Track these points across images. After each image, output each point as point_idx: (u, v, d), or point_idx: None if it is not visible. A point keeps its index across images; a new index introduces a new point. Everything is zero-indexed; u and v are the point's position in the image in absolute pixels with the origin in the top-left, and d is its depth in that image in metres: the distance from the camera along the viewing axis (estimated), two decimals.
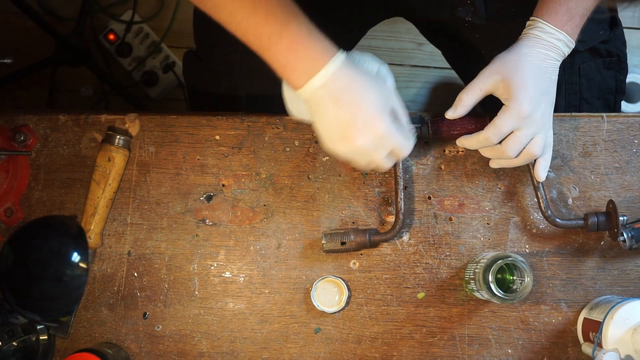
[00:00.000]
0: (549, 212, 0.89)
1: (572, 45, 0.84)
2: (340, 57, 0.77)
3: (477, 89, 0.83)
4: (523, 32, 0.85)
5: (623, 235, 0.87)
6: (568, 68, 1.00)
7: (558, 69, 0.84)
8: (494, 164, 0.90)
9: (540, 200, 0.88)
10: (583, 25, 0.84)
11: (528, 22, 0.85)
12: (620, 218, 0.86)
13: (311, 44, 0.76)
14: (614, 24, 1.02)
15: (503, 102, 0.82)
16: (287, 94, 0.86)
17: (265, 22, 0.75)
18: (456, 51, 1.12)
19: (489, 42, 1.01)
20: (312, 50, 0.76)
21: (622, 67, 1.03)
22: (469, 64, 1.09)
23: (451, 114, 0.85)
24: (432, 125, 0.88)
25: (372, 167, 0.84)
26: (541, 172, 0.87)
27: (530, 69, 0.81)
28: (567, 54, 0.84)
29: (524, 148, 0.83)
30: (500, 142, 0.84)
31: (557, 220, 0.89)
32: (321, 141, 0.81)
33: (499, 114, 0.82)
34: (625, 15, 1.72)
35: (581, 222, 0.89)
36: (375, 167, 0.83)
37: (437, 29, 1.11)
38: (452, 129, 0.88)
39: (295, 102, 0.86)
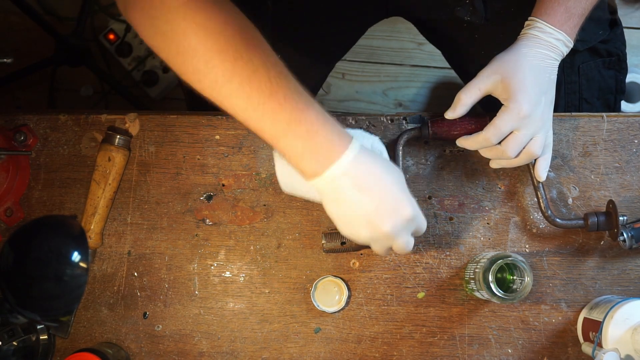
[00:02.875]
0: (549, 212, 0.89)
1: (571, 45, 0.84)
2: (355, 142, 0.74)
3: (475, 89, 0.83)
4: (522, 32, 0.85)
5: (623, 235, 0.87)
6: (568, 68, 1.00)
7: (557, 69, 0.84)
8: (494, 164, 0.90)
9: (540, 200, 0.88)
10: (582, 25, 0.84)
11: (527, 22, 0.85)
12: (620, 218, 0.86)
13: (330, 129, 0.73)
14: (614, 24, 1.02)
15: (502, 102, 0.82)
16: (281, 168, 0.84)
17: (284, 107, 0.70)
18: (455, 51, 1.13)
19: (488, 42, 1.01)
20: (331, 136, 0.72)
21: (621, 67, 1.04)
22: (468, 63, 1.09)
23: (450, 114, 0.85)
24: (432, 125, 0.88)
25: (389, 252, 0.82)
26: (541, 172, 0.87)
27: (530, 68, 0.81)
28: (565, 54, 0.84)
29: (523, 148, 0.83)
30: (500, 143, 0.84)
31: (557, 220, 0.89)
32: (339, 227, 0.77)
33: (498, 114, 0.82)
34: (625, 16, 1.73)
35: (581, 222, 0.89)
36: (395, 251, 0.80)
37: (436, 29, 1.11)
38: (453, 129, 0.88)
39: (289, 177, 0.83)
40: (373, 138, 0.86)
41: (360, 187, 0.73)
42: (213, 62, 0.69)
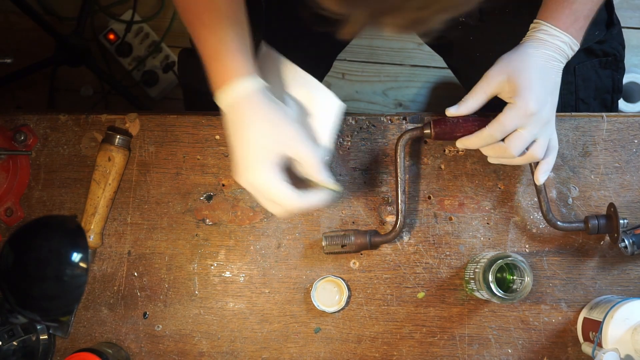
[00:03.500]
0: (550, 214, 0.88)
1: (577, 48, 0.83)
2: (256, 84, 0.78)
3: (481, 92, 0.82)
4: (527, 34, 0.84)
5: (624, 242, 0.87)
6: (563, 68, 1.00)
7: (561, 72, 0.84)
8: (493, 160, 0.88)
9: (542, 203, 0.88)
10: (587, 26, 0.84)
11: (532, 25, 0.84)
12: (621, 221, 0.86)
13: (231, 60, 0.78)
14: (611, 24, 1.02)
15: (508, 101, 0.82)
16: None
17: (207, 29, 0.79)
18: (450, 52, 1.12)
19: (483, 43, 1.00)
20: (232, 66, 0.78)
21: (618, 67, 1.03)
22: (463, 65, 1.09)
23: (453, 111, 0.83)
24: (434, 126, 0.87)
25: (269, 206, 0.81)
26: (541, 175, 0.85)
27: (537, 68, 0.81)
28: (571, 56, 0.84)
29: (527, 148, 0.82)
30: (503, 140, 0.83)
31: (558, 223, 0.88)
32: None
33: (504, 110, 0.81)
34: (625, 16, 1.72)
35: (581, 225, 0.89)
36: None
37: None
38: (456, 130, 0.86)
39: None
40: (331, 98, 0.86)
41: (233, 127, 0.78)
42: None
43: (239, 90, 0.77)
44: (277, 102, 0.80)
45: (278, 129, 0.78)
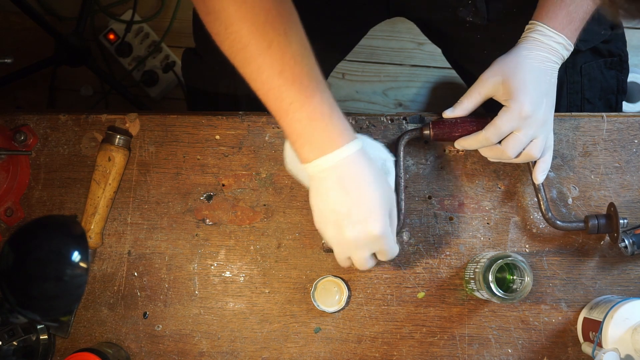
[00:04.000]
0: (550, 214, 0.88)
1: (571, 49, 0.84)
2: (357, 143, 0.75)
3: (476, 94, 0.84)
4: (522, 36, 0.85)
5: (624, 242, 0.87)
6: (570, 68, 1.00)
7: (557, 72, 0.84)
8: (492, 159, 0.89)
9: (541, 203, 0.88)
10: (583, 28, 0.84)
11: (527, 26, 0.85)
12: (621, 221, 0.86)
13: (331, 121, 0.73)
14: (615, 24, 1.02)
15: (503, 103, 0.82)
16: (289, 151, 0.85)
17: (291, 86, 0.72)
18: (457, 51, 1.12)
19: (490, 42, 1.01)
20: (331, 128, 0.73)
21: (623, 67, 1.04)
22: (469, 64, 1.09)
23: (449, 113, 0.86)
24: (433, 126, 0.88)
25: (348, 264, 0.82)
26: (539, 174, 0.86)
27: (531, 70, 0.81)
28: (566, 57, 0.84)
29: (523, 149, 0.83)
30: (500, 142, 0.84)
31: (558, 222, 0.89)
32: (314, 217, 0.79)
33: (499, 113, 0.82)
34: None
35: (581, 224, 0.89)
36: (354, 264, 0.80)
37: (438, 29, 1.11)
38: (454, 130, 0.87)
39: (296, 162, 0.83)
40: (388, 157, 0.86)
41: (342, 186, 0.74)
42: (243, 22, 0.70)
43: (349, 150, 0.74)
44: (371, 157, 0.79)
45: (386, 184, 0.78)
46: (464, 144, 0.87)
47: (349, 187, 0.74)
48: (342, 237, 0.76)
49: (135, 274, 0.93)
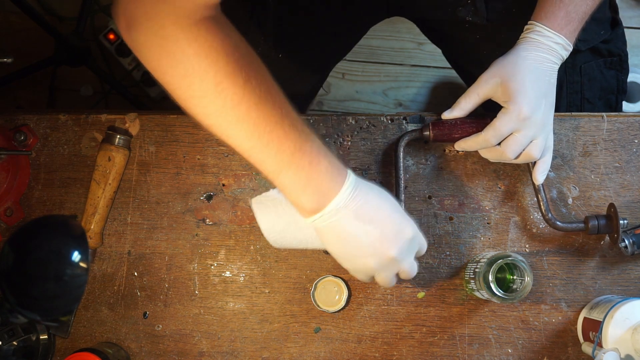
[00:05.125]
0: (550, 214, 0.88)
1: (570, 49, 0.84)
2: (352, 173, 0.74)
3: (474, 94, 0.84)
4: (521, 36, 0.85)
5: (624, 242, 0.87)
6: (570, 68, 1.00)
7: (556, 73, 0.84)
8: (492, 159, 0.89)
9: (541, 203, 0.88)
10: (582, 28, 0.84)
11: (526, 26, 0.85)
12: (621, 222, 0.86)
13: (328, 161, 0.72)
14: (615, 23, 1.02)
15: (502, 105, 0.82)
16: (266, 223, 0.80)
17: (288, 137, 0.69)
18: (457, 51, 1.13)
19: (490, 42, 1.01)
20: (331, 168, 0.72)
21: (623, 67, 1.04)
22: (469, 64, 1.09)
23: (447, 114, 0.86)
24: (433, 127, 0.88)
25: (394, 280, 0.80)
26: (539, 175, 0.86)
27: (529, 71, 0.81)
28: (565, 58, 0.84)
29: (523, 150, 0.83)
30: (499, 144, 0.84)
31: (558, 223, 0.88)
32: (344, 264, 0.77)
33: (498, 115, 0.82)
34: (625, 16, 1.73)
35: (581, 225, 0.89)
36: (402, 274, 0.79)
37: (438, 29, 1.11)
38: (453, 132, 0.87)
39: (278, 230, 0.80)
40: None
41: (362, 218, 0.73)
42: (223, 84, 0.68)
43: (350, 184, 0.73)
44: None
45: (388, 194, 0.78)
46: (463, 145, 0.87)
47: (367, 215, 0.73)
48: (386, 258, 0.75)
49: (135, 273, 0.93)
